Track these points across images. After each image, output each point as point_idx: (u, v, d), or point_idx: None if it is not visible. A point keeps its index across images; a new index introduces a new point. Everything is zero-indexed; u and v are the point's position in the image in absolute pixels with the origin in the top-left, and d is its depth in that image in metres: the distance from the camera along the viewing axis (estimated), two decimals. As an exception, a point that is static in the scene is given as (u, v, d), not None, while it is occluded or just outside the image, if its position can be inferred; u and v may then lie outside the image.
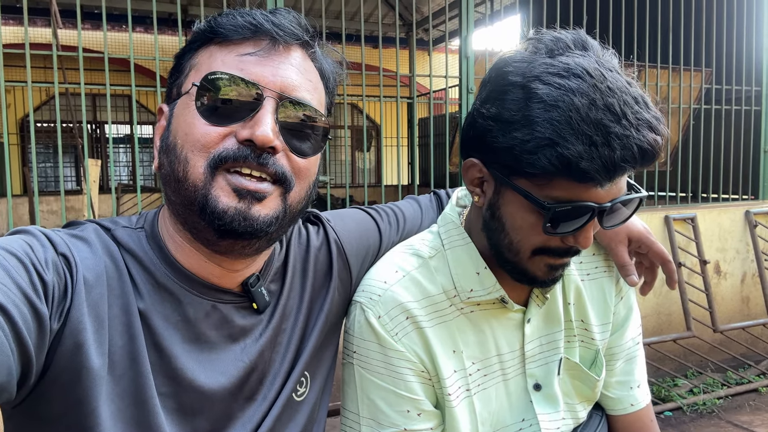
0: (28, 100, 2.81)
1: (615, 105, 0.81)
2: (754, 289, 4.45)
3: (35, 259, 0.72)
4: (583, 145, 0.79)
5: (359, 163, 12.80)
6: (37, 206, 2.95)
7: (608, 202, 0.85)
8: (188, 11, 8.89)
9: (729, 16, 4.57)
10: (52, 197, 8.73)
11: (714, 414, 3.61)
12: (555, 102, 0.81)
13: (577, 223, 0.87)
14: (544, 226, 0.87)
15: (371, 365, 1.00)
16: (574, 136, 0.79)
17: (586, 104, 0.80)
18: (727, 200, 4.73)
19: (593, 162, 0.79)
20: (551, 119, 0.81)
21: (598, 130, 0.79)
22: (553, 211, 0.85)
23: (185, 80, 0.85)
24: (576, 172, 0.80)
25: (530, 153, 0.82)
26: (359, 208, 1.22)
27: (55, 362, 0.73)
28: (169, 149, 0.83)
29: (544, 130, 0.81)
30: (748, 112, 4.72)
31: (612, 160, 0.79)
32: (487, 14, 4.47)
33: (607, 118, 0.80)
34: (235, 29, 0.82)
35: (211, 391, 0.85)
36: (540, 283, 0.99)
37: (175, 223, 0.86)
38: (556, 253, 0.94)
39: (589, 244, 0.90)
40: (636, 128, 0.81)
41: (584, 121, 0.79)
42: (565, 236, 0.90)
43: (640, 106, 0.83)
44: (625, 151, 0.80)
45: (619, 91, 0.83)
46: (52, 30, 3.27)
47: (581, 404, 1.12)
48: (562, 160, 0.80)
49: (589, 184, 0.83)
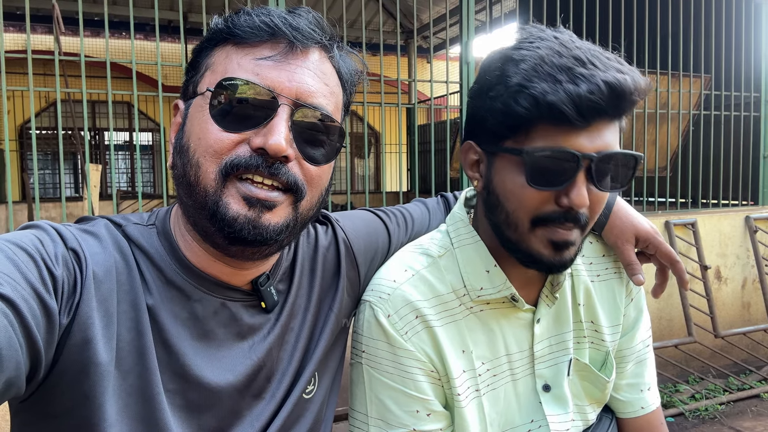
0: (29, 107, 2.81)
1: (581, 55, 0.86)
2: (755, 295, 4.45)
3: (45, 254, 0.72)
4: (548, 83, 0.84)
5: (359, 170, 12.81)
6: (38, 213, 2.94)
7: (594, 153, 0.86)
8: (189, 18, 8.92)
9: (728, 22, 4.59)
10: (51, 204, 8.72)
11: (716, 420, 3.60)
12: (524, 58, 0.88)
13: (564, 175, 0.87)
14: (528, 178, 0.88)
15: (380, 365, 1.00)
16: (539, 78, 0.85)
17: (552, 53, 0.86)
18: (727, 206, 4.74)
19: (558, 95, 0.83)
20: (520, 70, 0.87)
21: (563, 71, 0.84)
22: (532, 156, 0.87)
23: (201, 79, 0.84)
24: (544, 108, 0.84)
25: (505, 105, 0.88)
26: (367, 209, 1.21)
27: (63, 357, 0.73)
28: (183, 151, 0.82)
29: (514, 79, 0.87)
30: (748, 118, 4.73)
31: (578, 93, 0.82)
32: (488, 21, 4.48)
33: (571, 63, 0.85)
34: (253, 31, 0.81)
35: (219, 388, 0.85)
36: (548, 267, 0.95)
37: (187, 223, 0.86)
38: (554, 220, 0.91)
39: (584, 202, 0.87)
40: (603, 70, 0.84)
41: (550, 66, 0.85)
42: (558, 197, 0.89)
43: (611, 60, 0.87)
44: (591, 85, 0.83)
45: (588, 48, 0.88)
46: (54, 35, 3.27)
47: (590, 406, 1.12)
48: (530, 99, 0.85)
49: (564, 127, 0.85)
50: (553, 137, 0.86)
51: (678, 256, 1.13)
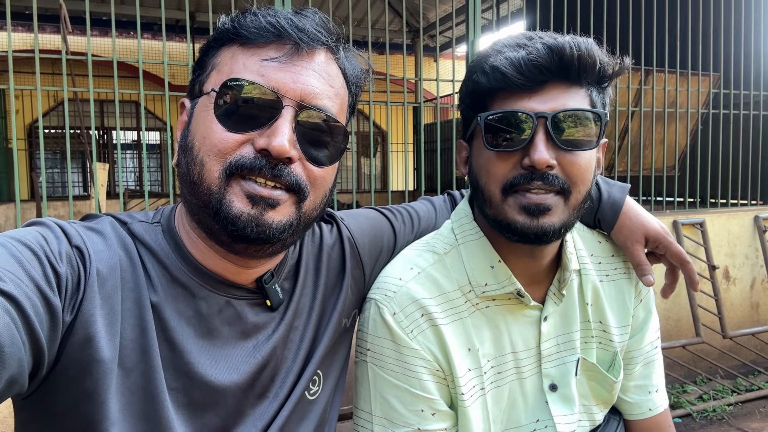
0: (37, 106, 2.82)
1: (535, 35, 0.93)
2: (764, 295, 4.41)
3: (49, 251, 0.72)
4: (494, 56, 0.93)
5: (365, 169, 12.81)
6: (45, 211, 2.95)
7: (548, 112, 0.89)
8: (196, 18, 8.95)
9: (737, 20, 4.56)
10: (59, 202, 8.77)
11: (724, 421, 3.57)
12: (485, 48, 0.98)
13: (520, 135, 0.90)
14: (485, 142, 0.93)
15: (385, 363, 0.99)
16: (490, 55, 0.94)
17: (509, 38, 0.95)
18: (735, 205, 4.70)
19: (501, 60, 0.90)
20: (478, 57, 0.98)
21: (510, 46, 0.93)
22: (486, 121, 0.93)
23: (206, 79, 0.85)
24: (492, 73, 0.91)
25: (467, 84, 0.99)
26: (373, 208, 1.21)
27: (66, 354, 0.73)
28: (187, 149, 0.83)
29: (475, 61, 0.98)
30: (756, 117, 4.70)
31: (517, 56, 0.89)
32: (494, 20, 4.47)
33: (522, 40, 0.92)
34: (259, 32, 0.81)
35: (222, 386, 0.84)
36: (524, 234, 0.93)
37: (191, 221, 0.86)
38: (521, 181, 0.91)
39: (543, 159, 0.88)
40: (550, 38, 0.90)
41: (501, 45, 0.94)
42: (522, 159, 0.91)
43: (574, 39, 0.91)
44: (530, 49, 0.89)
45: (550, 33, 0.93)
46: (61, 35, 3.29)
47: (598, 406, 1.11)
48: (481, 69, 0.94)
49: (518, 93, 0.91)
50: (509, 103, 0.92)
51: (688, 257, 1.12)
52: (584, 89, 0.93)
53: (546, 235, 0.93)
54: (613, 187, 1.17)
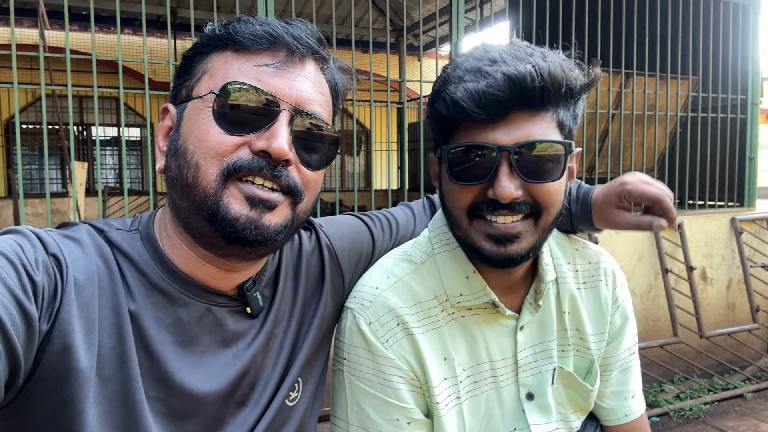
0: (14, 102, 2.77)
1: (496, 56, 0.88)
2: (740, 296, 4.49)
3: (25, 260, 0.71)
4: (455, 84, 0.89)
5: (349, 167, 12.79)
6: (22, 209, 2.90)
7: (511, 145, 0.86)
8: (177, 14, 8.84)
9: (715, 25, 4.62)
10: (37, 200, 8.61)
11: (700, 419, 3.63)
12: (446, 70, 0.94)
13: (483, 167, 0.88)
14: (449, 174, 0.91)
15: (361, 372, 0.99)
16: (451, 82, 0.90)
17: (470, 59, 0.90)
18: (713, 207, 4.77)
19: (461, 93, 0.86)
20: (440, 80, 0.94)
21: (471, 72, 0.88)
22: (447, 151, 0.91)
23: (197, 84, 0.85)
24: (452, 108, 0.88)
25: (430, 113, 0.95)
26: (352, 214, 1.21)
27: (42, 363, 0.72)
28: (179, 153, 0.82)
29: (435, 89, 0.94)
30: (734, 120, 4.77)
31: (476, 89, 0.85)
32: (477, 20, 4.49)
33: (483, 63, 0.87)
34: (254, 39, 0.83)
35: (202, 395, 0.84)
36: (490, 260, 0.93)
37: (176, 226, 0.86)
38: (484, 209, 0.90)
39: (507, 194, 0.86)
40: (510, 64, 0.85)
41: (462, 70, 0.89)
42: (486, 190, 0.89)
43: (533, 56, 0.87)
44: (489, 79, 0.85)
45: (511, 50, 0.89)
46: (39, 31, 3.23)
47: (574, 414, 1.11)
48: (441, 103, 0.90)
49: (481, 124, 0.87)
50: (472, 134, 0.89)
51: (661, 191, 1.04)
52: (550, 113, 0.89)
53: (513, 262, 0.93)
54: (580, 189, 1.17)
